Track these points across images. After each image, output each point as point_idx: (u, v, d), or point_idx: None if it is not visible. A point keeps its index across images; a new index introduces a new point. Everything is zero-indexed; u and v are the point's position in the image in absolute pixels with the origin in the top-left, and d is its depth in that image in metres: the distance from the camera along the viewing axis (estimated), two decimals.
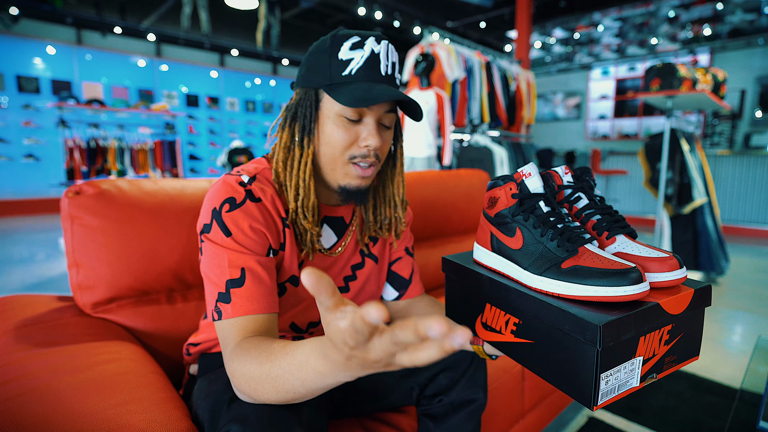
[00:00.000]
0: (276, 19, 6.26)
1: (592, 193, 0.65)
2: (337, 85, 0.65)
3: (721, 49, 5.77)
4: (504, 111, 4.49)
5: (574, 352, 0.50)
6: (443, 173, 1.67)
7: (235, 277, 0.61)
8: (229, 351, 0.58)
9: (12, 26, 6.10)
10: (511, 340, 0.60)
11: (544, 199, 0.60)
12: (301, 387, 0.48)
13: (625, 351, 0.50)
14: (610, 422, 1.49)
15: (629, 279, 0.49)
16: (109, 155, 5.02)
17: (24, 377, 0.61)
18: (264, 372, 0.51)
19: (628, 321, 0.48)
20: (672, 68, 2.84)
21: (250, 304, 0.60)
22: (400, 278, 0.87)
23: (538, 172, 0.61)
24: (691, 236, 3.18)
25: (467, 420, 0.82)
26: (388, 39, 0.68)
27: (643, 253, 0.57)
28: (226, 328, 0.60)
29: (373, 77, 0.65)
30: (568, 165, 6.57)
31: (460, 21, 7.67)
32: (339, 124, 0.66)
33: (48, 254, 3.81)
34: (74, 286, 0.88)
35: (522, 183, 0.61)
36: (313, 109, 0.67)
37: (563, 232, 0.57)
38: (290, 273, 0.71)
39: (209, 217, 0.64)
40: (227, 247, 0.62)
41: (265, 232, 0.65)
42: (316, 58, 0.67)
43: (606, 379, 0.49)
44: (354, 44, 0.65)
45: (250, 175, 0.67)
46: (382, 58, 0.66)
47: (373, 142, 0.66)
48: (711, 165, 5.47)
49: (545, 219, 0.58)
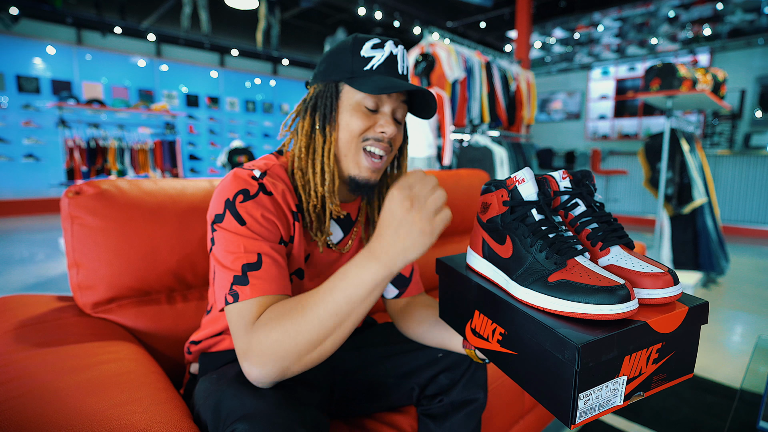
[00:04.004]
0: (276, 19, 6.26)
1: (591, 199, 0.63)
2: (359, 77, 0.70)
3: (721, 49, 5.77)
4: (504, 111, 4.49)
5: (554, 370, 0.49)
6: (443, 173, 1.67)
7: (252, 261, 0.62)
8: (248, 328, 0.58)
9: (12, 26, 6.10)
10: (497, 349, 0.60)
11: (537, 207, 0.58)
12: (346, 303, 0.55)
13: (608, 370, 0.48)
14: (610, 422, 1.49)
15: (617, 297, 0.48)
16: (109, 155, 5.02)
17: (24, 377, 0.61)
18: (301, 312, 0.56)
19: (611, 341, 0.47)
20: (672, 68, 2.84)
21: (269, 285, 0.61)
22: (401, 276, 0.87)
23: (533, 177, 0.60)
24: (691, 236, 3.18)
25: (467, 420, 0.82)
26: (404, 46, 0.73)
27: (636, 268, 0.55)
28: (243, 308, 0.60)
29: (391, 73, 0.71)
30: (568, 166, 6.57)
31: (460, 21, 7.67)
32: (358, 112, 0.70)
33: (48, 254, 3.81)
34: (74, 286, 0.88)
35: (515, 189, 0.59)
36: (334, 99, 0.71)
37: (553, 243, 0.56)
38: (297, 266, 0.73)
39: (222, 207, 0.65)
40: (242, 235, 0.63)
41: (277, 223, 0.67)
42: (337, 56, 0.72)
43: (585, 399, 0.48)
44: (375, 45, 0.70)
45: (261, 170, 0.69)
46: (399, 60, 0.72)
47: (389, 129, 0.70)
48: (711, 165, 5.47)
49: (536, 228, 0.57)
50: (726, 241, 3.91)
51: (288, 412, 0.55)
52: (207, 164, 8.29)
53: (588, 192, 0.64)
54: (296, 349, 0.55)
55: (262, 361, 0.56)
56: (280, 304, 0.59)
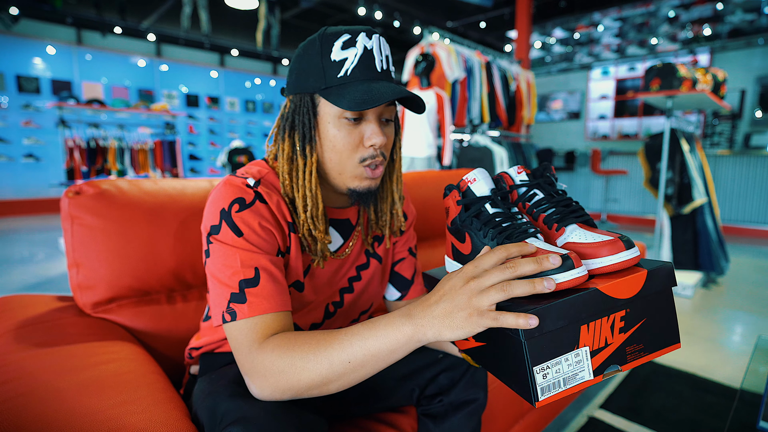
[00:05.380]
0: (276, 19, 6.26)
1: (552, 189, 0.64)
2: (334, 88, 0.62)
3: (721, 49, 5.77)
4: (504, 111, 4.49)
5: (512, 349, 0.50)
6: (443, 173, 1.67)
7: (250, 277, 0.60)
8: (254, 349, 0.57)
9: (12, 26, 6.10)
10: (474, 345, 0.61)
11: (491, 202, 0.59)
12: (363, 353, 0.52)
13: (563, 342, 0.48)
14: (610, 422, 1.49)
15: (560, 268, 0.48)
16: (109, 155, 5.02)
17: (24, 377, 0.61)
18: (314, 349, 0.54)
19: (554, 310, 0.47)
20: (672, 68, 2.84)
21: (267, 303, 0.59)
22: (403, 279, 0.87)
23: (486, 176, 0.61)
24: (691, 236, 3.18)
25: (467, 420, 0.82)
26: (379, 33, 0.65)
27: (589, 240, 0.55)
28: (243, 328, 0.58)
29: (369, 75, 0.63)
30: (568, 166, 6.57)
31: (460, 21, 7.67)
32: (340, 126, 0.64)
33: (48, 254, 3.81)
34: (74, 286, 0.88)
35: (467, 189, 0.61)
36: (311, 115, 0.65)
37: (504, 230, 0.57)
38: (295, 278, 0.70)
39: (217, 218, 0.62)
40: (239, 247, 0.61)
41: (274, 232, 0.64)
42: (306, 61, 0.64)
43: (542, 373, 0.47)
44: (345, 43, 0.62)
45: (255, 178, 0.66)
46: (375, 53, 0.63)
47: (378, 140, 0.64)
48: (711, 165, 5.47)
49: (488, 220, 0.58)
50: (726, 241, 3.91)
51: (284, 415, 0.54)
52: (207, 164, 8.29)
53: (547, 182, 0.64)
54: (298, 385, 0.54)
55: (263, 385, 0.56)
56: (294, 334, 0.57)
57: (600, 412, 1.55)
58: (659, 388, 1.73)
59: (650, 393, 1.69)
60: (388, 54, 0.66)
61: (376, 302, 0.87)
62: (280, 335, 0.58)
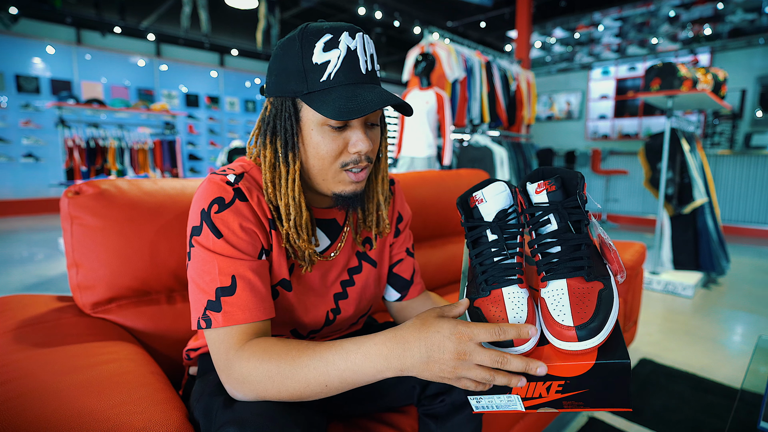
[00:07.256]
0: (276, 19, 6.26)
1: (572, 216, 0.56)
2: (317, 93, 0.59)
3: (722, 48, 5.77)
4: (504, 111, 4.49)
5: None
6: (443, 173, 1.67)
7: (226, 285, 0.59)
8: (231, 355, 0.57)
9: (12, 26, 6.09)
10: None
11: (491, 228, 0.58)
12: (338, 381, 0.54)
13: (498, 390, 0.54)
14: (610, 422, 1.49)
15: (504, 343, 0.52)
16: (109, 155, 5.01)
17: (24, 377, 0.61)
18: (290, 364, 0.54)
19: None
20: (672, 68, 2.84)
21: (242, 313, 0.59)
22: (402, 280, 0.86)
23: (495, 194, 0.59)
24: (691, 236, 3.18)
25: (469, 420, 0.81)
26: (363, 30, 0.63)
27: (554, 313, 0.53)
28: (218, 336, 0.59)
29: (353, 78, 0.60)
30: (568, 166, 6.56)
31: (460, 21, 7.67)
32: (324, 133, 0.61)
33: (48, 254, 3.81)
34: (74, 286, 0.88)
35: (475, 209, 0.60)
36: (293, 120, 0.62)
37: (487, 270, 0.58)
38: (280, 277, 0.68)
39: (198, 219, 0.62)
40: (218, 252, 0.60)
41: (256, 231, 0.63)
42: (286, 62, 0.61)
43: (476, 400, 0.56)
44: (327, 44, 0.58)
45: (237, 173, 0.65)
46: (359, 54, 0.60)
47: (364, 146, 0.62)
48: (711, 165, 5.47)
49: (480, 252, 0.59)
50: (726, 241, 3.91)
51: (281, 416, 0.54)
52: (207, 164, 8.28)
53: (570, 205, 0.56)
54: (278, 395, 0.56)
55: (241, 390, 0.57)
56: (272, 343, 0.57)
57: (600, 413, 1.55)
58: (659, 388, 1.73)
59: (651, 393, 1.69)
60: (372, 53, 0.63)
61: (375, 305, 0.86)
62: (258, 343, 0.58)
